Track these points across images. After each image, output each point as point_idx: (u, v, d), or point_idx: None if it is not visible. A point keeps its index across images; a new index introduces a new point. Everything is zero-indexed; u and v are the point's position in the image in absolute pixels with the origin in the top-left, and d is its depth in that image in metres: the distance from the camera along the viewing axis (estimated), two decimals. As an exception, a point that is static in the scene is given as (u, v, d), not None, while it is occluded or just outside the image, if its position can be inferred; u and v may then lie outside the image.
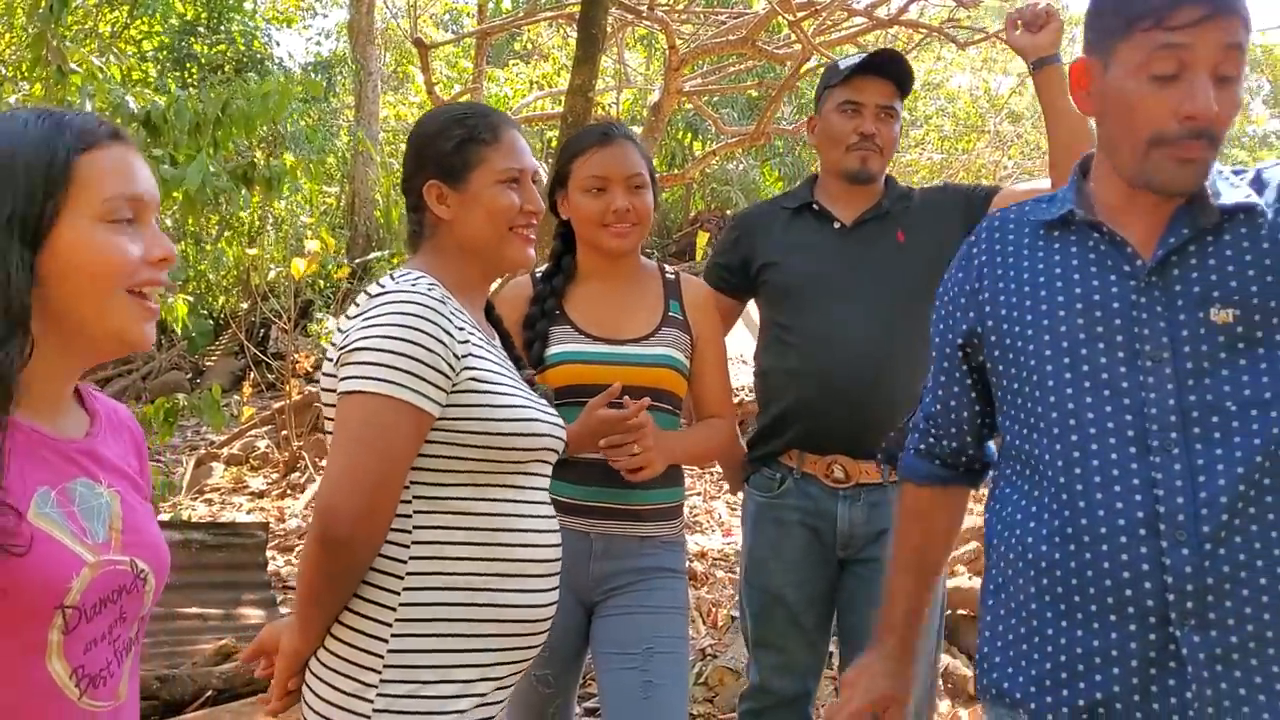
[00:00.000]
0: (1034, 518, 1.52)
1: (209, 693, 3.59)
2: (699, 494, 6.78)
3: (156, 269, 1.24)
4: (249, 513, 6.43)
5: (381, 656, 1.60)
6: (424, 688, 1.61)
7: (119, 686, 1.26)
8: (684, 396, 2.43)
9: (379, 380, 1.56)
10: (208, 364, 11.18)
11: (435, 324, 1.60)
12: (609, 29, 9.66)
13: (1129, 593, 1.41)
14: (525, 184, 1.79)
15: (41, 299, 1.17)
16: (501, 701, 1.72)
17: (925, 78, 17.79)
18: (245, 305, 11.31)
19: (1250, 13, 1.41)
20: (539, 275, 2.44)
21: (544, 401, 1.82)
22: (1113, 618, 1.43)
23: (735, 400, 2.69)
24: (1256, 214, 1.43)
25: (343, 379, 1.61)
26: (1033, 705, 1.50)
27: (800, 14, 8.22)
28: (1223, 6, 1.36)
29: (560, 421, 1.83)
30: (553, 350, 2.30)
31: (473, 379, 1.64)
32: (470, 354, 1.65)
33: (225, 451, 7.73)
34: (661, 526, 2.35)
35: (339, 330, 1.69)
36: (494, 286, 2.31)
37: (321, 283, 10.68)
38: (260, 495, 6.88)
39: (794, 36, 8.33)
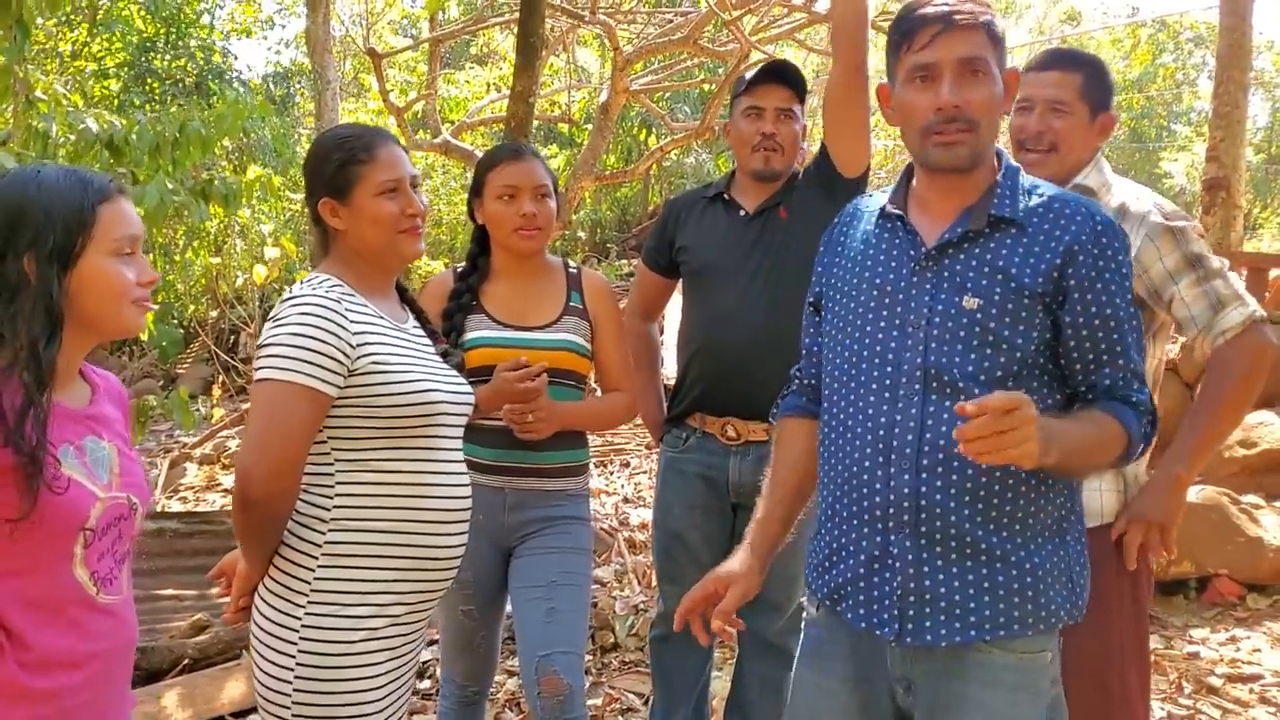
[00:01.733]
0: (829, 443, 1.92)
1: (185, 661, 3.95)
2: (645, 472, 7.14)
3: (145, 288, 1.71)
4: (221, 508, 6.75)
5: (309, 584, 1.99)
6: (344, 609, 1.99)
7: (120, 585, 1.73)
8: (587, 373, 2.81)
9: (280, 369, 1.92)
10: (179, 371, 11.43)
11: (329, 319, 1.95)
12: (560, 31, 10.00)
13: (865, 504, 1.82)
14: (403, 190, 2.10)
15: (67, 307, 1.62)
16: (415, 623, 2.10)
17: (875, 67, 18.18)
18: (214, 313, 11.58)
19: (993, 18, 1.79)
20: (459, 271, 2.82)
21: (451, 372, 2.18)
22: (855, 523, 1.85)
23: None
24: (1018, 225, 1.78)
25: (256, 369, 1.99)
26: (810, 588, 1.97)
27: (738, 12, 8.56)
28: (951, 24, 1.75)
29: (464, 388, 2.20)
30: (470, 336, 2.68)
31: (372, 361, 1.99)
32: (367, 341, 2.00)
33: (198, 452, 8.03)
34: (566, 482, 2.75)
35: (263, 331, 2.06)
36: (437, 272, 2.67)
37: (287, 288, 10.93)
38: (231, 492, 7.17)
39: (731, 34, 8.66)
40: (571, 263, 2.89)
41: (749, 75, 3.01)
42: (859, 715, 1.89)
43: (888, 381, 1.82)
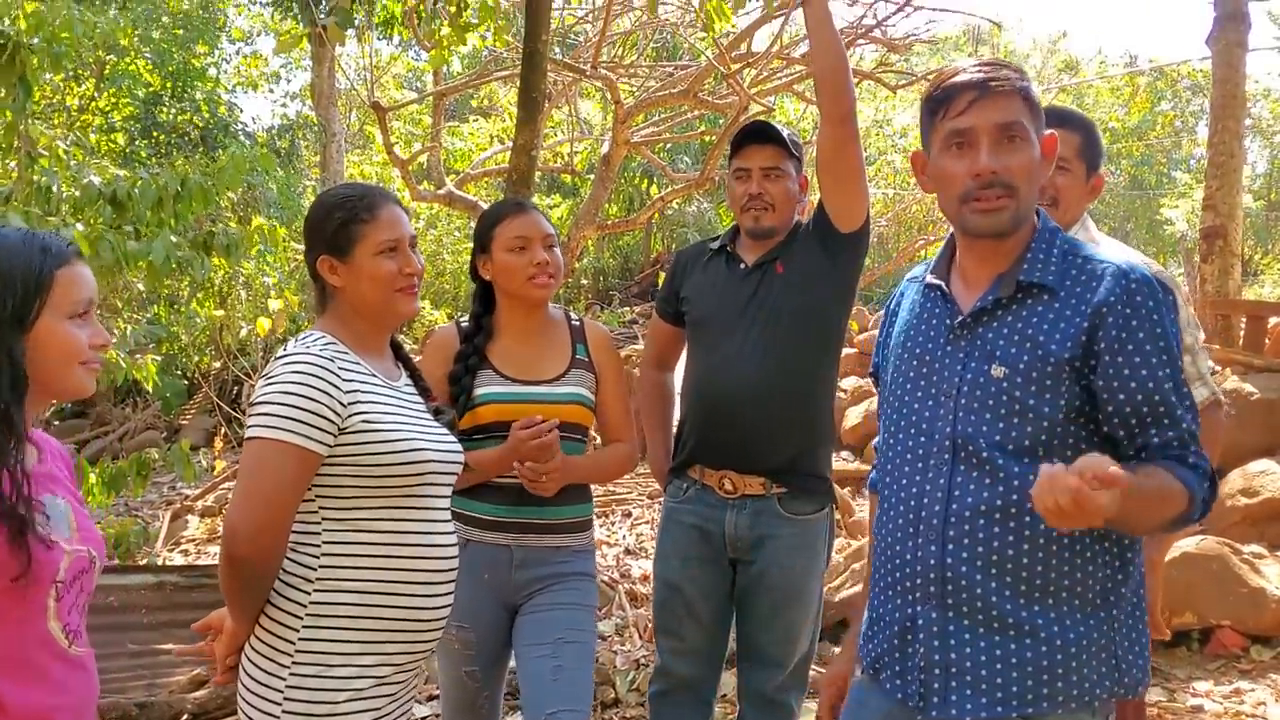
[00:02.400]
0: (877, 514, 1.96)
1: (184, 717, 3.92)
2: (646, 523, 7.12)
3: (97, 350, 1.74)
4: (222, 561, 6.72)
5: (294, 643, 1.98)
6: (329, 669, 1.98)
7: (84, 638, 1.76)
8: (591, 425, 2.83)
9: (270, 428, 1.93)
10: (182, 423, 11.44)
11: (322, 379, 1.96)
12: (562, 85, 10.12)
13: (897, 575, 1.84)
14: (402, 250, 2.13)
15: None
16: (401, 683, 2.09)
17: (874, 116, 18.34)
18: (217, 364, 11.60)
19: (1029, 84, 1.81)
20: (463, 324, 2.82)
21: (442, 430, 2.18)
22: (890, 593, 1.86)
23: None
24: (1049, 290, 1.77)
25: (247, 427, 2.00)
26: (859, 654, 1.99)
27: (737, 65, 8.66)
28: (987, 90, 1.76)
29: (454, 447, 2.20)
30: (479, 392, 2.70)
31: (363, 420, 1.99)
32: (359, 400, 2.00)
33: (200, 504, 8.02)
34: (573, 538, 2.76)
35: (255, 387, 2.07)
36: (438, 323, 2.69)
37: (291, 339, 10.96)
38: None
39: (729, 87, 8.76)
40: (573, 314, 2.93)
41: (736, 137, 3.05)
42: None
43: (920, 451, 1.84)
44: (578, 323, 2.90)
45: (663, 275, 14.97)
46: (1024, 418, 1.73)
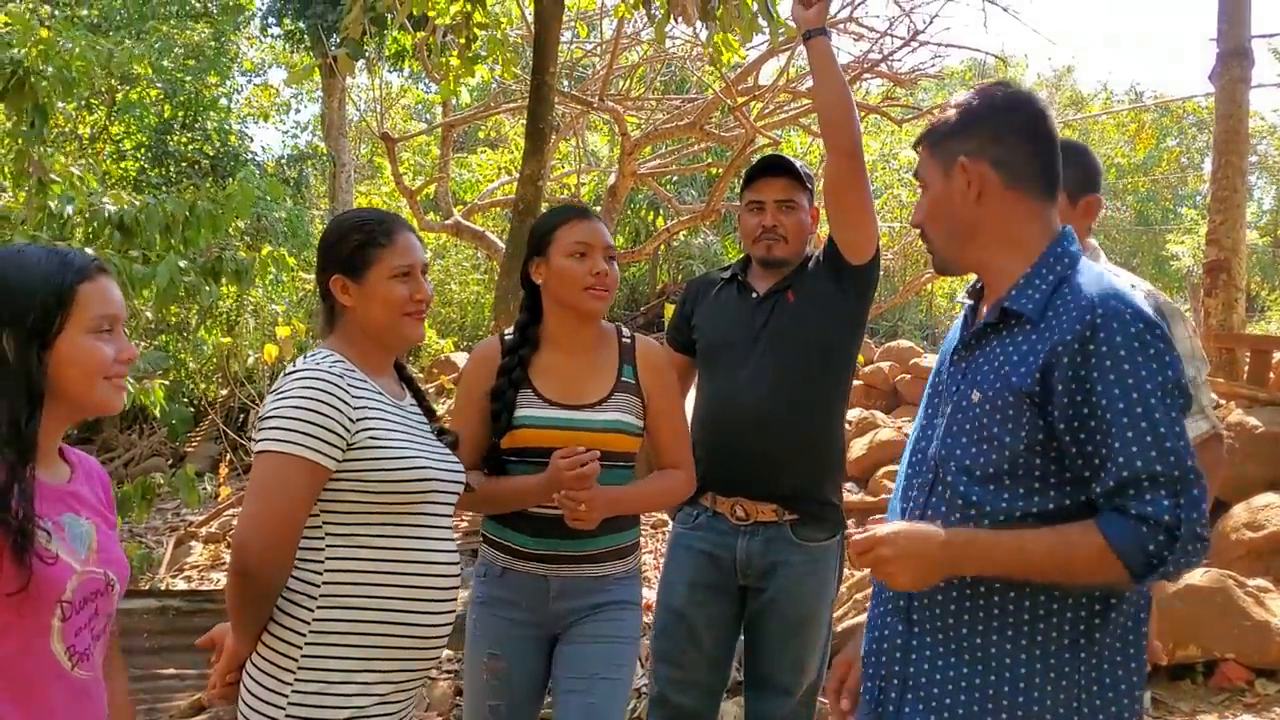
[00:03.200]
0: None
1: (184, 742, 3.91)
2: (650, 552, 7.10)
3: (123, 365, 1.72)
4: (224, 586, 6.72)
5: (296, 660, 1.99)
6: (330, 687, 1.99)
7: (94, 662, 1.72)
8: (637, 451, 2.69)
9: (281, 441, 1.96)
10: (188, 449, 11.44)
11: (332, 394, 1.99)
12: (570, 117, 10.21)
13: (881, 586, 1.87)
14: (415, 276, 2.16)
15: (46, 384, 1.64)
16: (400, 703, 2.10)
17: (881, 149, 18.42)
18: (224, 391, 11.63)
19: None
20: (506, 341, 2.70)
21: (445, 450, 2.20)
22: (876, 602, 1.91)
23: None
24: (1028, 320, 1.74)
25: (257, 441, 2.01)
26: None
27: (743, 98, 8.74)
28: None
29: (457, 467, 2.21)
30: (518, 414, 2.57)
31: (370, 436, 2.02)
32: (366, 416, 2.03)
33: (204, 531, 8.02)
34: (615, 565, 2.64)
35: (264, 402, 2.08)
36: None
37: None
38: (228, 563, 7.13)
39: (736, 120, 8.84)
40: (625, 330, 2.78)
41: (750, 170, 3.07)
42: None
43: (915, 469, 1.87)
44: (629, 340, 2.73)
45: (670, 306, 15.13)
46: (990, 445, 1.72)
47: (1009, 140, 1.78)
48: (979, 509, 1.72)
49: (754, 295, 3.02)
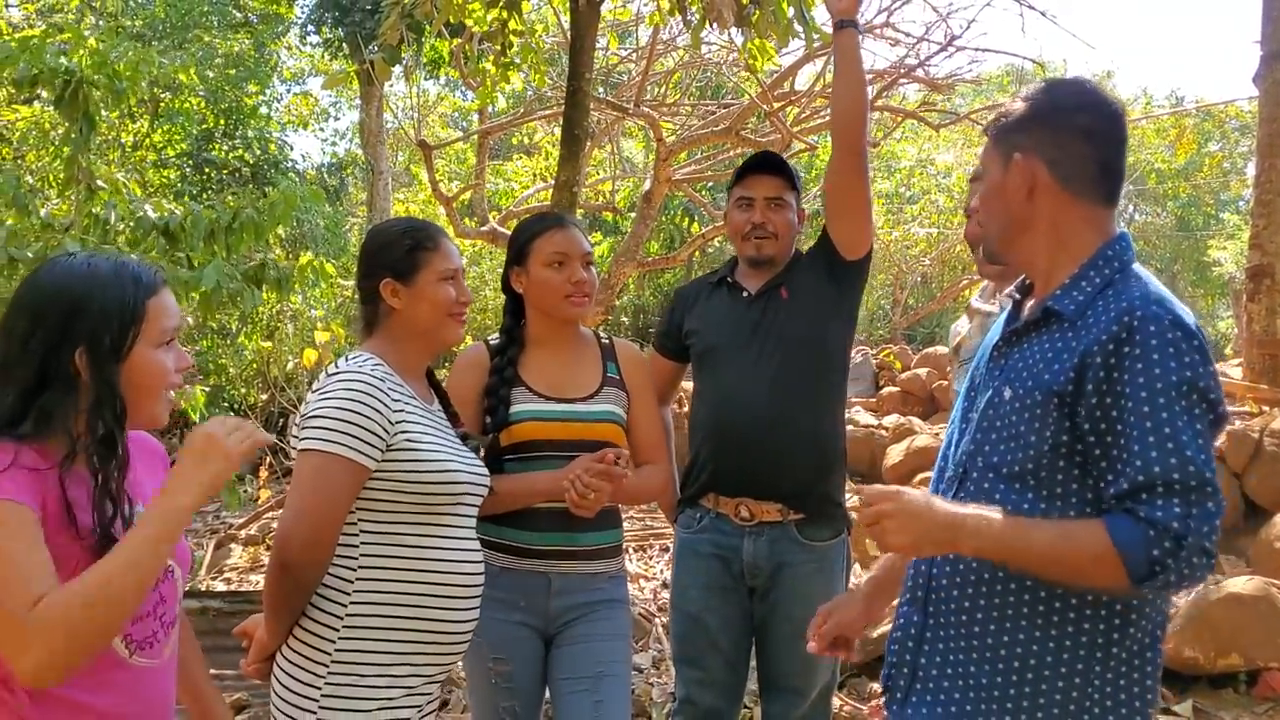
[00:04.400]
0: None
1: (224, 741, 3.95)
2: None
3: (180, 375, 1.80)
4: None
5: (330, 654, 2.05)
6: (363, 679, 2.05)
7: (163, 649, 1.78)
8: (623, 445, 2.77)
9: (325, 441, 2.02)
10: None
11: (374, 396, 2.05)
12: (605, 123, 10.24)
13: (909, 574, 1.92)
14: (458, 280, 2.27)
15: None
16: (429, 695, 2.16)
17: (918, 154, 18.35)
18: (264, 396, 11.76)
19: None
20: (492, 343, 2.80)
21: (470, 453, 2.27)
22: (904, 593, 1.93)
23: None
24: (1067, 320, 1.74)
25: (300, 439, 2.07)
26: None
27: (779, 103, 8.73)
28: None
29: (483, 470, 2.28)
30: (514, 409, 2.66)
31: (407, 439, 2.08)
32: (404, 419, 2.09)
33: (244, 533, 8.11)
34: (606, 564, 2.74)
35: (306, 401, 2.13)
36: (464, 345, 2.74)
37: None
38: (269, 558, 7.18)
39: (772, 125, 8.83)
40: (602, 334, 2.90)
41: (740, 167, 3.08)
42: None
43: (946, 464, 1.89)
44: (607, 341, 2.88)
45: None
46: (1018, 443, 1.72)
47: (1067, 141, 1.77)
48: (1011, 508, 1.72)
49: (745, 295, 3.03)
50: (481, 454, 2.39)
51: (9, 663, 1.55)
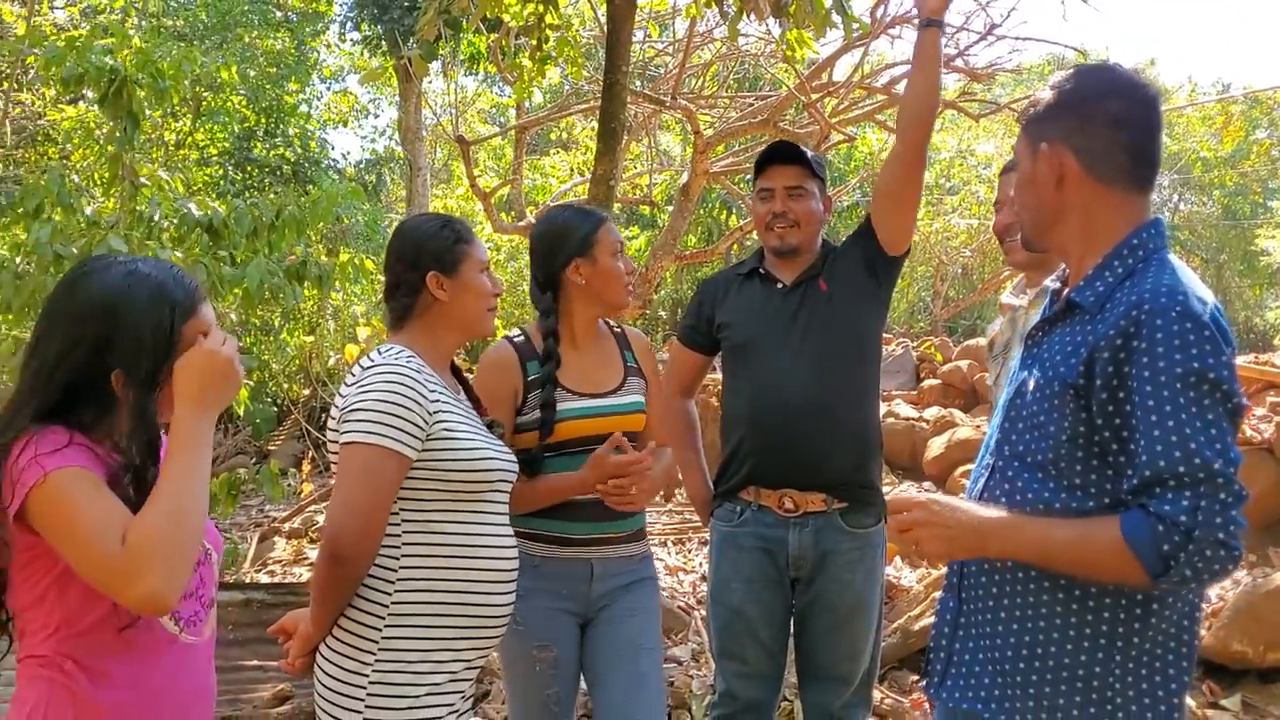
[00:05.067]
0: None
1: (269, 731, 4.00)
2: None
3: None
4: (306, 580, 6.87)
5: (377, 643, 2.08)
6: (408, 666, 2.08)
7: (203, 628, 1.86)
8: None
9: (369, 434, 2.05)
10: (271, 448, 11.70)
11: (412, 388, 2.09)
12: (642, 117, 10.24)
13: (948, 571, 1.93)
14: (490, 272, 2.34)
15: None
16: (470, 679, 2.20)
17: (958, 145, 18.19)
18: (306, 391, 11.87)
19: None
20: (515, 340, 2.75)
21: (500, 441, 2.31)
22: (946, 581, 1.95)
23: None
24: (1086, 311, 1.74)
25: (343, 433, 2.10)
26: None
27: (817, 94, 8.69)
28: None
29: (512, 458, 2.31)
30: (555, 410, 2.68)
31: (443, 429, 2.12)
32: (440, 410, 2.13)
33: (287, 526, 8.20)
34: (639, 546, 2.80)
35: (340, 395, 2.16)
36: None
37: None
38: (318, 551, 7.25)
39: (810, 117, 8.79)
40: (612, 323, 2.92)
41: (759, 157, 3.07)
42: None
43: (982, 453, 1.90)
44: (619, 330, 2.91)
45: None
46: (1040, 432, 1.73)
47: (1096, 129, 1.75)
48: (1024, 497, 1.74)
49: (780, 286, 3.03)
50: (507, 440, 2.45)
51: (120, 598, 1.62)
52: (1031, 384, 1.76)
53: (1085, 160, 1.76)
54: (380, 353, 2.19)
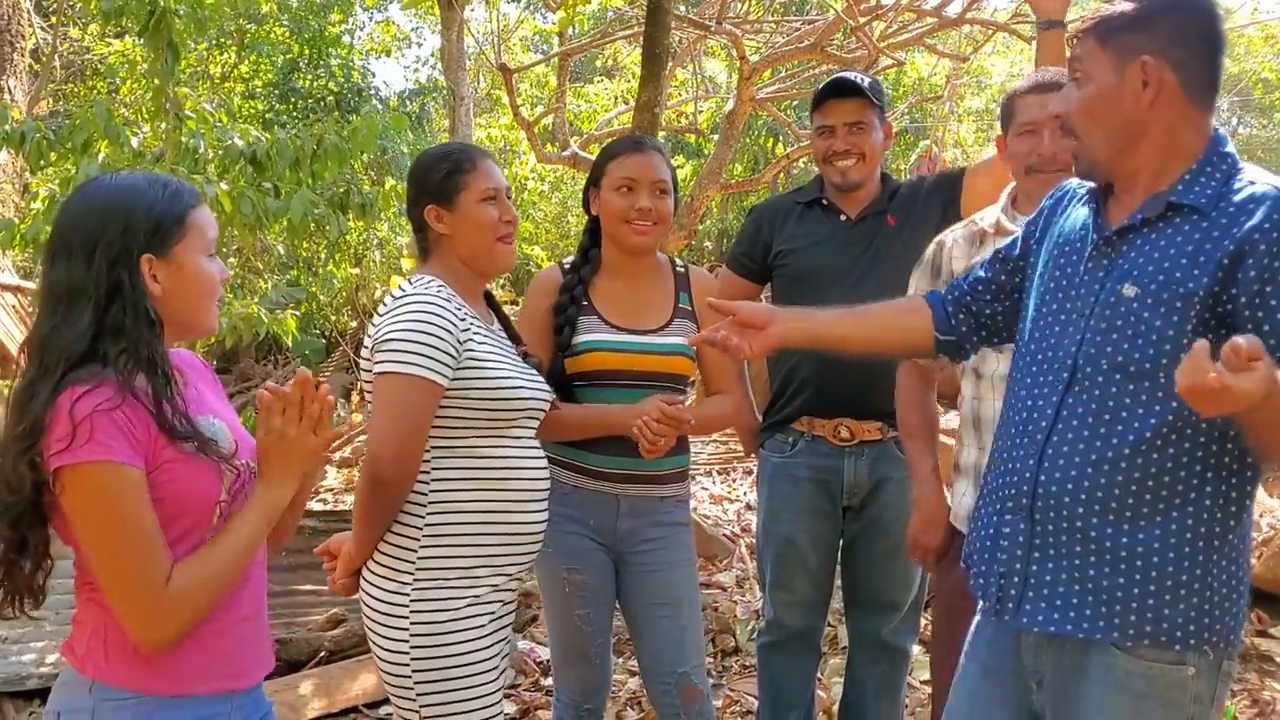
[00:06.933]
0: (1000, 420, 1.95)
1: (321, 654, 4.12)
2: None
3: (221, 286, 1.81)
4: (358, 509, 6.98)
5: (414, 562, 2.15)
6: (446, 582, 2.15)
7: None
8: (691, 375, 2.81)
9: (403, 363, 2.08)
10: (320, 379, 11.84)
11: (443, 317, 2.11)
12: (687, 43, 10.08)
13: (999, 482, 1.87)
14: (501, 199, 2.29)
15: (165, 304, 1.72)
16: (512, 590, 2.27)
17: (1009, 70, 17.76)
18: (354, 323, 11.98)
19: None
20: (566, 266, 2.80)
21: (533, 370, 2.33)
22: (991, 498, 1.90)
23: None
24: (1198, 212, 1.67)
25: (377, 363, 2.12)
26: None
27: (865, 18, 8.50)
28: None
29: (544, 386, 2.32)
30: (582, 338, 2.66)
31: (473, 357, 2.14)
32: (470, 339, 2.15)
33: (337, 456, 8.32)
34: (675, 488, 2.77)
35: (373, 324, 2.19)
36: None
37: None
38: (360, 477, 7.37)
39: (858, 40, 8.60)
40: (678, 261, 2.87)
41: (817, 93, 3.01)
42: (1001, 710, 1.90)
43: (1045, 365, 1.81)
44: (683, 269, 2.84)
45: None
46: (1147, 339, 1.67)
47: (1191, 42, 1.68)
48: (1115, 414, 1.68)
49: (844, 218, 3.00)
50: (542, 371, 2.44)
51: (128, 627, 1.63)
52: (1132, 291, 1.69)
53: (1181, 76, 1.68)
54: (411, 283, 2.21)
